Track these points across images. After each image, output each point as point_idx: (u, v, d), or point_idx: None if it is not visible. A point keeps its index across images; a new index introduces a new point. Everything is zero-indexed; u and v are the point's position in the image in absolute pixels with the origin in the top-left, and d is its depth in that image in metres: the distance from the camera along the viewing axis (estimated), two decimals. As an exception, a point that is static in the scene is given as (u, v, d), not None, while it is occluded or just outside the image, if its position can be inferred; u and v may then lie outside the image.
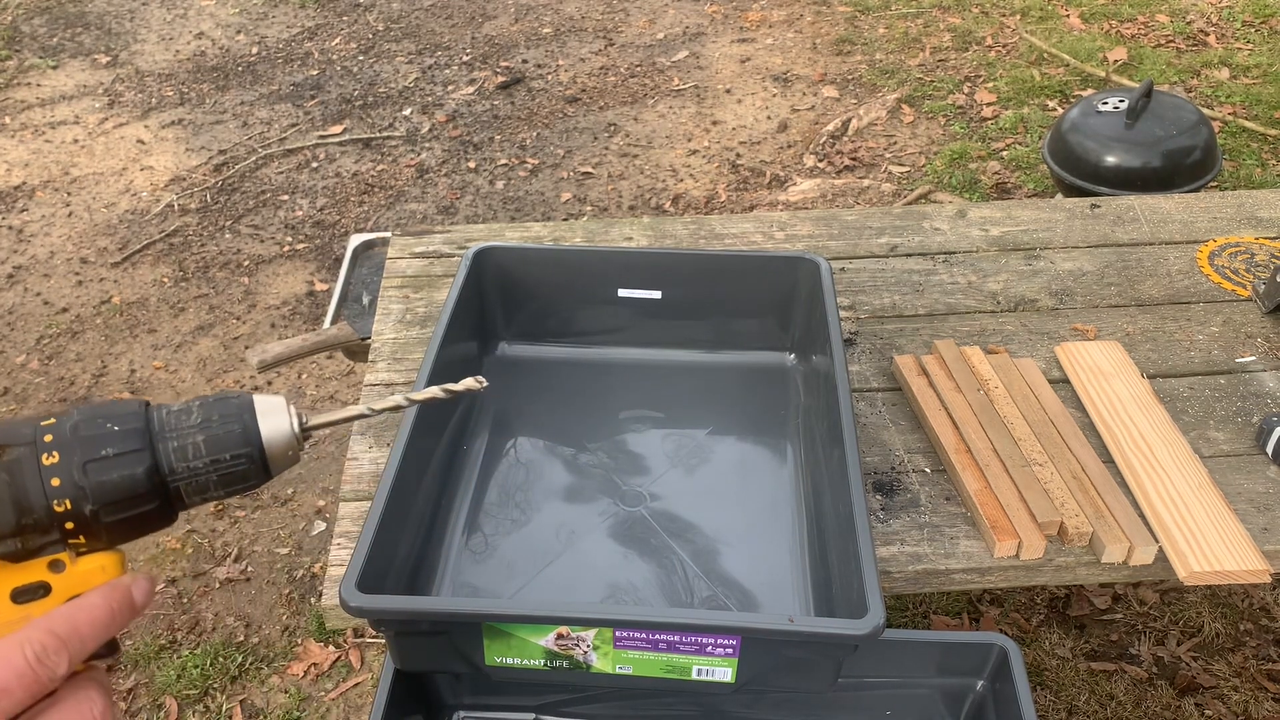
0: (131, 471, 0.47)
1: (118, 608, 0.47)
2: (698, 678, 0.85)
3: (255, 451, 0.50)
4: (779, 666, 0.85)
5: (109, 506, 0.47)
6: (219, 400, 0.51)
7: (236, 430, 0.50)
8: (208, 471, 0.49)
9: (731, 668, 0.84)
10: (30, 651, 0.43)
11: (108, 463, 0.47)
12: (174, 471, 0.49)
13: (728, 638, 0.82)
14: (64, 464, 0.46)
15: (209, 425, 0.49)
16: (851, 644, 0.81)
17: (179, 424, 0.49)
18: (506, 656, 0.85)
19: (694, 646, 0.83)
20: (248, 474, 0.51)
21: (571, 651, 0.84)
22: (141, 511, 0.48)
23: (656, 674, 0.85)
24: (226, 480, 0.50)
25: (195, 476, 0.49)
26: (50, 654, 0.44)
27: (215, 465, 0.49)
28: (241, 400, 0.51)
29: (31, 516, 0.46)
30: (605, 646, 0.83)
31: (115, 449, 0.47)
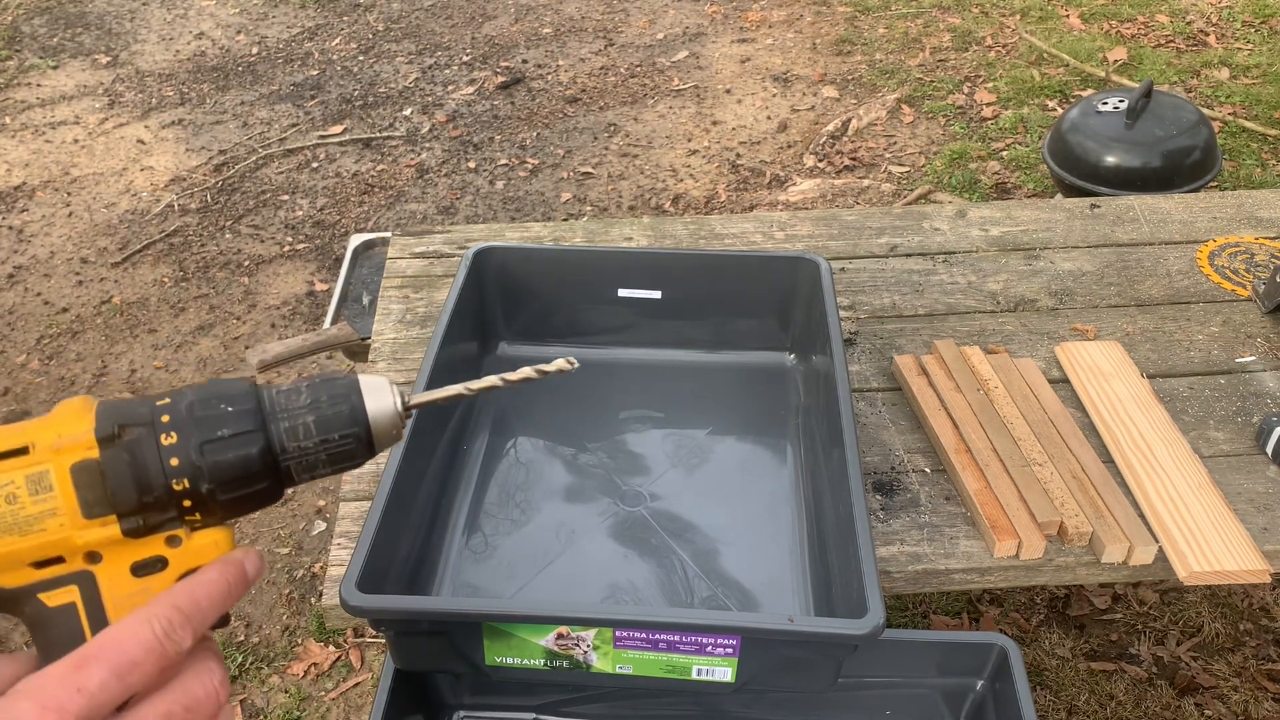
0: (246, 452, 0.49)
1: (233, 581, 0.49)
2: (698, 677, 0.85)
3: (362, 431, 0.52)
4: (779, 666, 0.85)
5: (224, 485, 0.49)
6: (326, 381, 0.52)
7: (344, 410, 0.51)
8: (317, 451, 0.51)
9: (731, 668, 0.84)
10: (159, 626, 0.45)
11: (224, 443, 0.48)
12: (285, 451, 0.50)
13: (728, 638, 0.82)
14: (182, 444, 0.48)
15: (318, 406, 0.51)
16: (851, 644, 0.81)
17: (289, 404, 0.51)
18: (507, 656, 0.85)
19: (694, 646, 0.83)
20: (354, 452, 0.52)
21: (571, 651, 0.84)
22: (254, 490, 0.50)
23: (656, 674, 0.85)
24: (335, 458, 0.52)
25: (305, 455, 0.51)
26: (176, 629, 0.46)
27: (324, 445, 0.51)
28: (349, 381, 0.52)
29: (152, 495, 0.47)
30: (605, 646, 0.83)
31: (230, 430, 0.48)
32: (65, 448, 0.47)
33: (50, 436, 0.47)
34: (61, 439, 0.47)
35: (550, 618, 0.82)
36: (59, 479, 0.46)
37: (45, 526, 0.46)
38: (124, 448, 0.47)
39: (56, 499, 0.46)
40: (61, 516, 0.46)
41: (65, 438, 0.47)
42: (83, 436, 0.47)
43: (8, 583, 0.47)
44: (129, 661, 0.44)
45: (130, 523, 0.47)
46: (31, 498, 0.46)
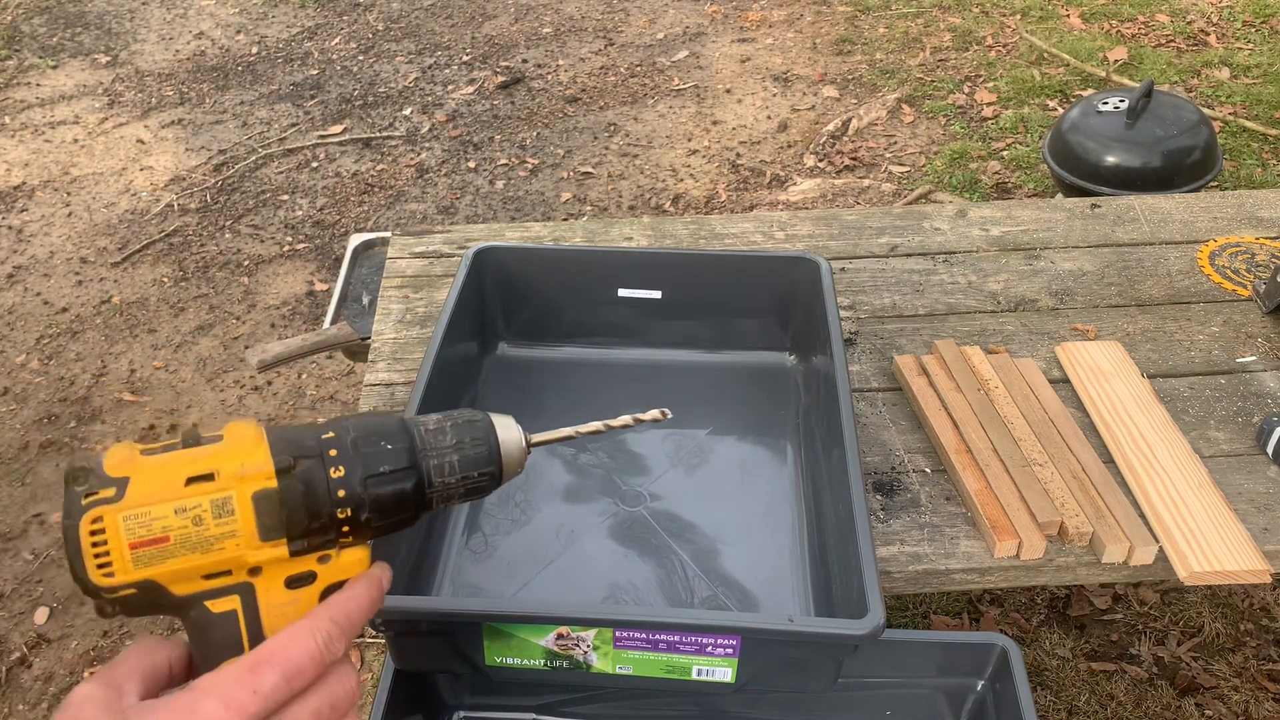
0: (403, 486, 0.55)
1: (375, 595, 0.56)
2: (698, 678, 0.85)
3: (496, 470, 0.59)
4: (779, 666, 0.85)
5: (380, 513, 0.55)
6: (469, 423, 0.59)
7: (484, 452, 0.59)
8: (458, 485, 0.58)
9: (731, 668, 0.84)
10: (320, 639, 0.51)
11: (385, 478, 0.55)
12: (432, 485, 0.57)
13: (728, 638, 0.82)
14: (348, 477, 0.54)
15: (462, 446, 0.58)
16: (851, 644, 0.81)
17: (437, 443, 0.57)
18: (507, 656, 0.85)
19: (694, 646, 0.83)
20: (487, 487, 0.59)
21: (571, 651, 0.84)
22: (402, 517, 0.56)
23: (656, 674, 0.85)
24: (470, 492, 0.59)
25: (447, 489, 0.58)
26: (334, 640, 0.52)
27: (464, 481, 0.58)
28: (485, 423, 0.60)
29: (319, 521, 0.53)
30: (605, 646, 0.83)
31: (390, 466, 0.55)
32: (248, 476, 0.52)
33: (234, 465, 0.52)
34: (244, 468, 0.52)
35: (550, 618, 0.82)
36: (241, 505, 0.52)
37: (224, 546, 0.51)
38: (299, 478, 0.53)
39: (237, 523, 0.51)
40: (240, 538, 0.52)
41: (248, 466, 0.52)
42: (263, 466, 0.52)
43: (180, 591, 0.52)
44: (296, 668, 0.50)
45: (297, 545, 0.53)
46: (215, 520, 0.51)
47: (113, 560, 0.50)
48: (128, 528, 0.50)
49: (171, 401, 2.55)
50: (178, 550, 0.50)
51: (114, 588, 0.50)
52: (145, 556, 0.50)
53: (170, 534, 0.50)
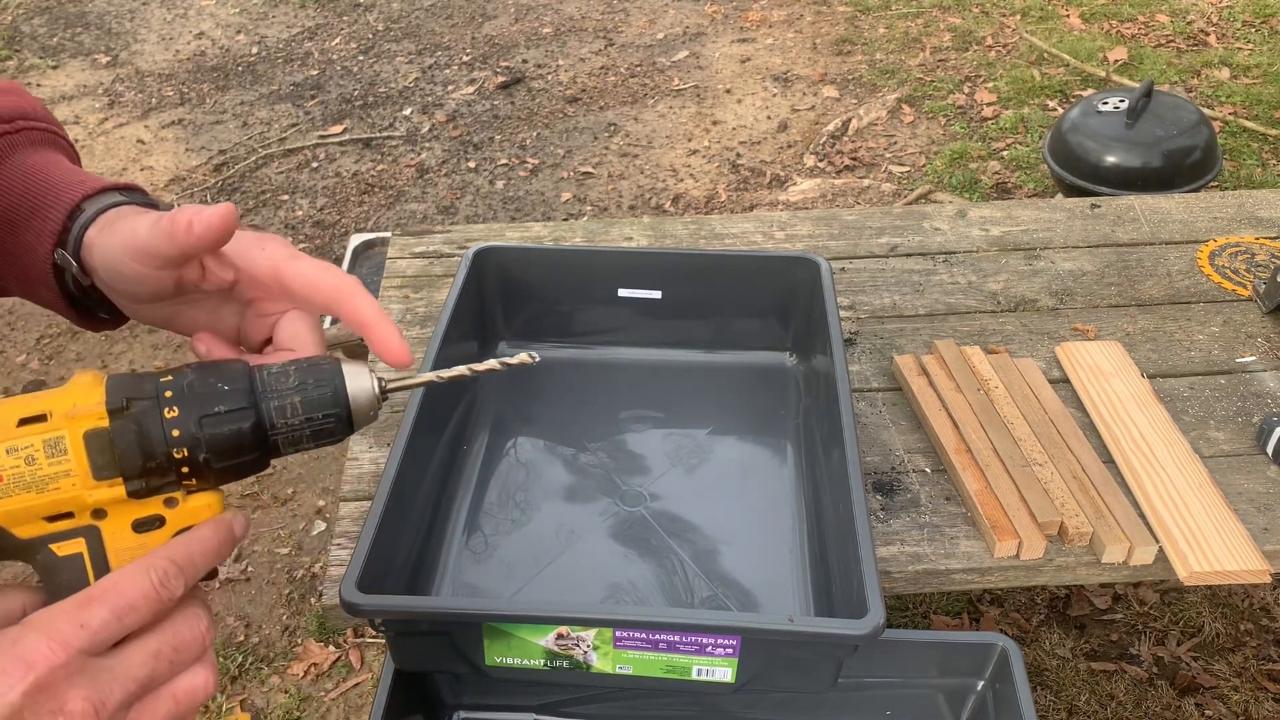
0: (239, 426, 0.55)
1: (223, 539, 0.55)
2: (698, 678, 0.85)
3: (343, 411, 0.58)
4: (779, 667, 0.85)
5: (219, 454, 0.54)
6: (312, 365, 0.58)
7: (328, 393, 0.57)
8: (302, 427, 0.57)
9: (731, 668, 0.84)
10: (155, 576, 0.51)
11: (220, 418, 0.54)
12: (274, 427, 0.56)
13: (728, 638, 0.82)
14: (182, 417, 0.54)
15: (305, 387, 0.57)
16: (851, 644, 0.81)
17: (278, 385, 0.57)
18: (507, 656, 0.84)
19: (694, 646, 0.83)
20: (335, 430, 0.58)
21: (571, 651, 0.84)
22: (245, 459, 0.56)
23: (656, 674, 0.85)
24: (317, 435, 0.58)
25: (291, 431, 0.57)
26: (170, 579, 0.52)
27: (309, 422, 0.57)
28: (332, 366, 0.58)
29: (154, 461, 0.53)
30: (605, 646, 0.83)
31: (226, 406, 0.55)
32: (79, 416, 0.52)
33: (66, 405, 0.52)
34: (76, 408, 0.52)
35: (550, 618, 0.82)
36: (73, 444, 0.52)
37: (59, 485, 0.52)
38: (131, 419, 0.53)
39: (70, 461, 0.52)
40: (74, 477, 0.52)
41: (79, 407, 0.52)
42: (95, 407, 0.53)
43: (23, 534, 0.52)
44: (127, 604, 0.50)
45: (134, 485, 0.53)
46: (48, 460, 0.52)
47: None
48: None
49: (171, 401, 2.55)
50: (12, 489, 0.51)
51: None
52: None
53: (2, 473, 0.51)
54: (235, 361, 0.57)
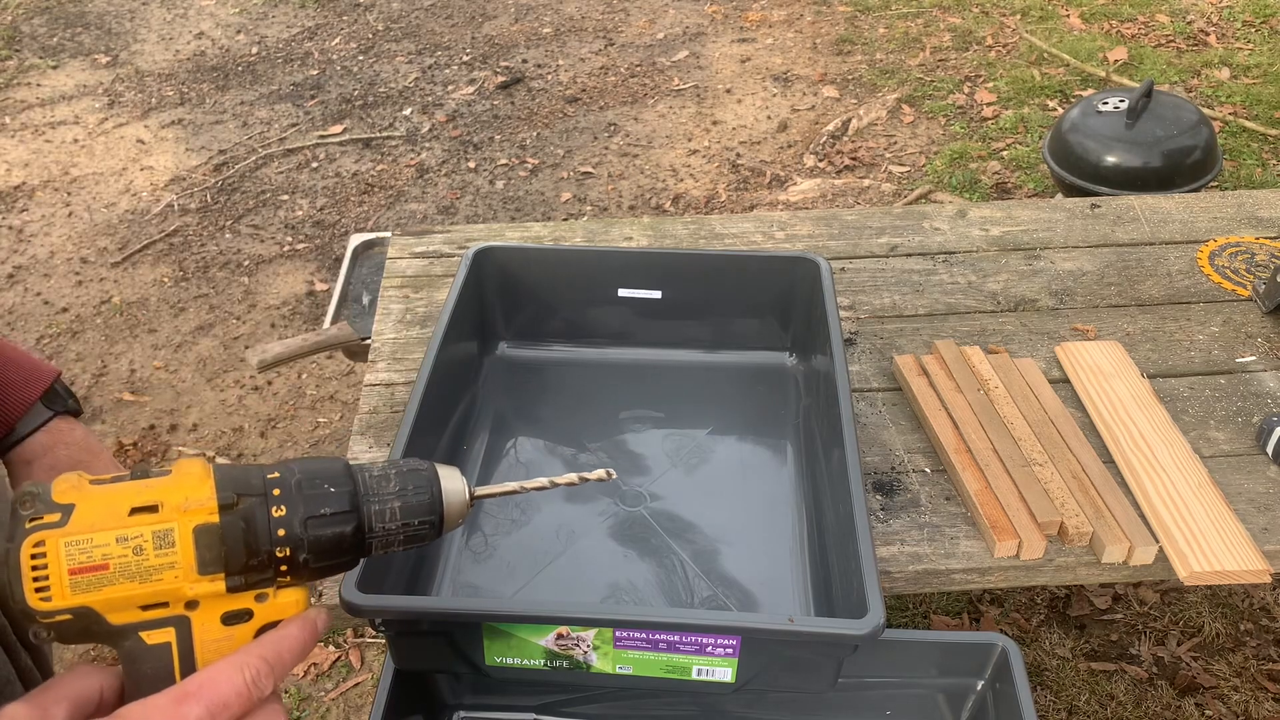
0: (343, 529, 0.56)
1: (308, 637, 0.56)
2: (698, 677, 0.85)
3: (438, 519, 0.59)
4: (779, 667, 0.85)
5: (319, 555, 0.55)
6: (413, 471, 0.59)
7: (426, 500, 0.59)
8: (398, 532, 0.58)
9: (731, 668, 0.84)
10: (249, 674, 0.52)
11: (325, 520, 0.55)
12: (372, 530, 0.57)
13: (728, 638, 0.82)
14: (289, 517, 0.54)
15: (405, 494, 0.58)
16: (851, 644, 0.81)
17: (380, 489, 0.58)
18: (507, 656, 0.84)
19: (694, 646, 0.83)
20: (427, 535, 0.60)
21: (571, 651, 0.84)
22: (341, 560, 0.57)
23: (656, 674, 0.85)
24: (410, 539, 0.59)
25: (387, 535, 0.58)
26: (262, 678, 0.52)
27: (405, 528, 0.58)
28: (430, 472, 0.60)
29: (257, 559, 0.54)
30: (605, 646, 0.83)
31: (331, 509, 0.56)
32: (191, 509, 0.53)
33: (178, 498, 0.53)
34: (188, 501, 0.53)
35: (550, 618, 0.82)
36: (181, 538, 0.52)
37: (163, 577, 0.52)
38: (240, 515, 0.53)
39: (177, 554, 0.52)
40: (178, 570, 0.52)
41: (191, 500, 0.53)
42: (206, 501, 0.53)
43: (116, 620, 0.52)
44: (221, 702, 0.50)
45: (234, 580, 0.53)
46: (156, 551, 0.52)
47: (51, 584, 0.50)
48: (69, 553, 0.50)
49: (171, 401, 2.55)
50: (116, 578, 0.51)
51: (50, 612, 0.51)
52: (84, 582, 0.51)
53: (110, 561, 0.51)
54: (338, 460, 0.58)
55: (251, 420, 2.49)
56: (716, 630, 0.82)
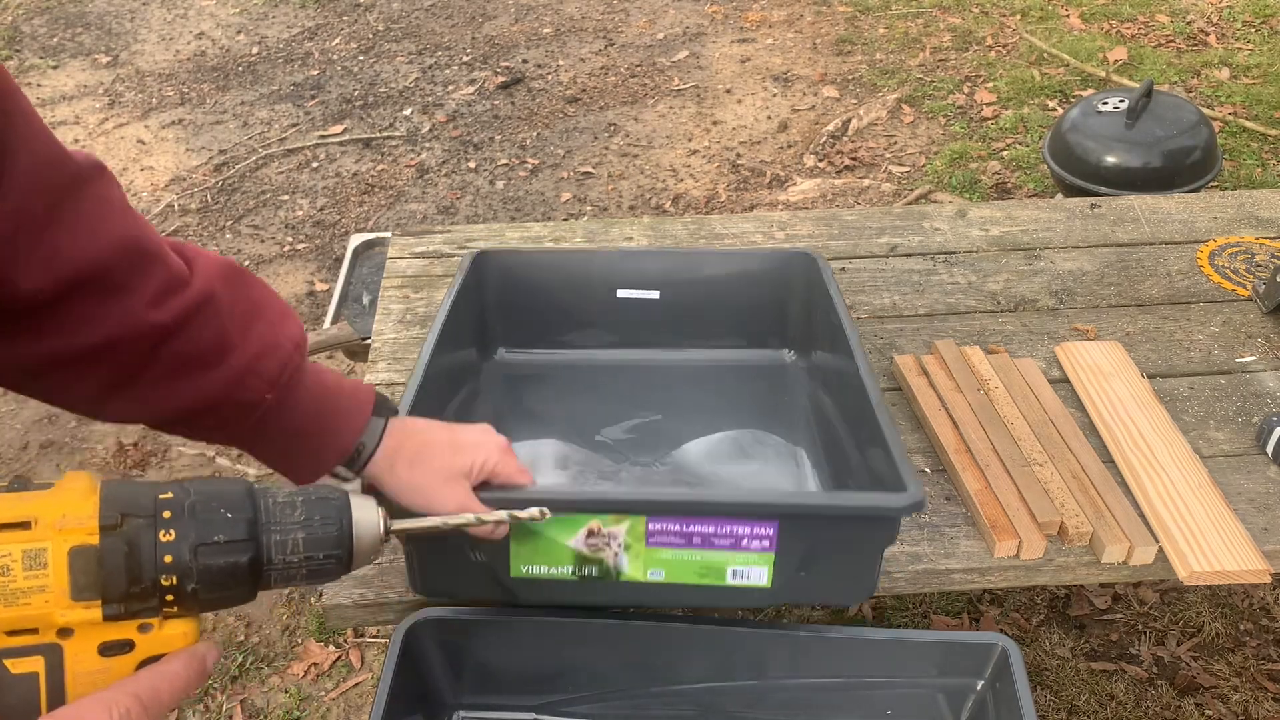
0: (237, 560, 0.51)
1: (193, 675, 0.51)
2: (733, 582, 0.82)
3: (345, 554, 0.55)
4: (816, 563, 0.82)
5: (209, 586, 0.51)
6: (321, 500, 0.55)
7: (333, 533, 0.54)
8: (300, 565, 0.54)
9: (768, 566, 0.81)
10: (116, 714, 0.46)
11: (218, 548, 0.50)
12: (271, 562, 0.53)
13: (763, 525, 0.80)
14: (178, 543, 0.49)
15: (310, 525, 0.54)
16: (894, 518, 0.79)
17: (283, 518, 0.53)
18: (534, 564, 0.82)
19: (729, 540, 0.80)
20: (333, 570, 0.55)
21: (601, 554, 0.81)
22: (234, 592, 0.52)
23: (690, 580, 0.82)
24: (313, 574, 0.54)
25: (288, 568, 0.53)
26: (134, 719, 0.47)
27: (308, 561, 0.54)
28: (340, 502, 0.55)
29: (140, 586, 0.49)
30: (637, 545, 0.80)
31: (225, 536, 0.51)
32: (68, 528, 0.48)
33: (55, 514, 0.48)
34: (65, 519, 0.48)
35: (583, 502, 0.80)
36: (55, 559, 0.47)
37: (30, 601, 0.47)
38: (123, 538, 0.48)
39: (49, 577, 0.47)
40: (49, 594, 0.47)
41: (69, 519, 0.48)
42: (86, 520, 0.48)
43: None
44: None
45: (112, 609, 0.48)
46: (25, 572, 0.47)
47: None
48: None
49: (172, 401, 2.55)
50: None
51: None
52: None
53: None
54: (239, 482, 0.54)
55: (251, 420, 2.49)
56: (753, 512, 0.80)
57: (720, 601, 0.84)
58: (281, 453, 0.74)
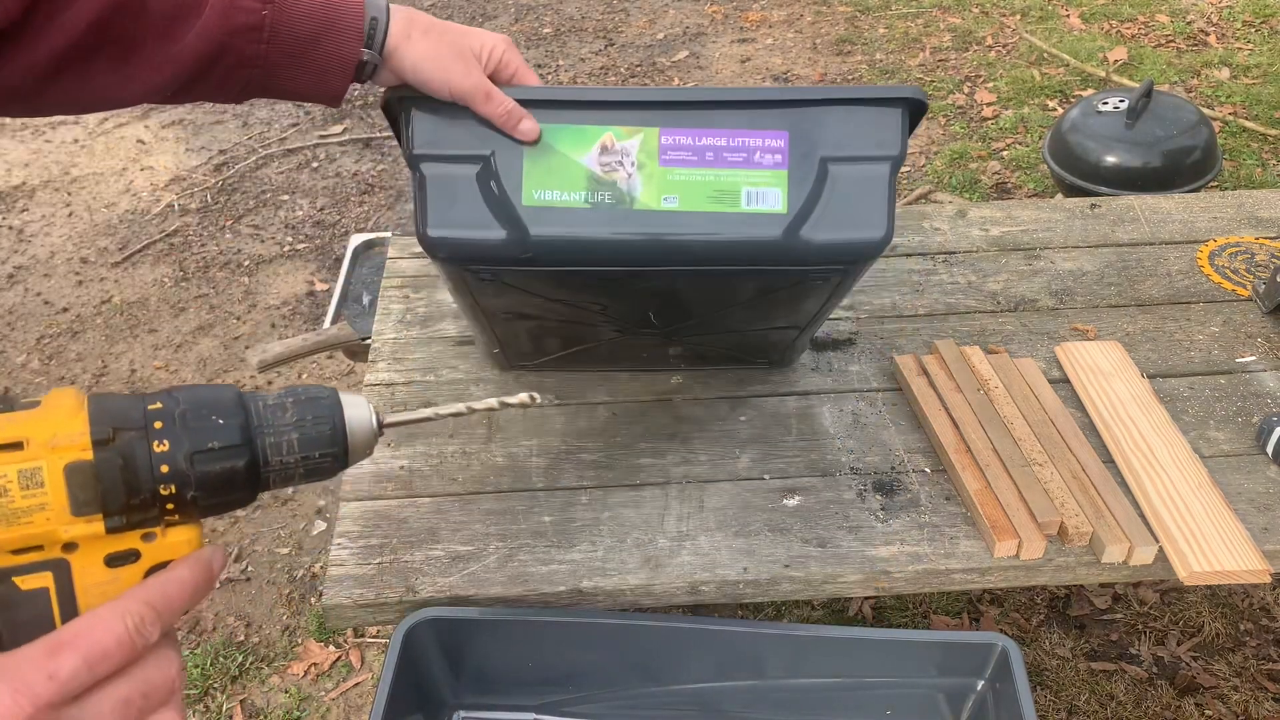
0: (233, 464, 0.51)
1: (201, 579, 0.52)
2: (748, 207, 0.82)
3: (340, 450, 0.55)
4: (828, 183, 0.82)
5: (208, 492, 0.51)
6: (311, 400, 0.55)
7: (326, 430, 0.55)
8: (297, 465, 0.54)
9: (781, 189, 0.81)
10: (130, 622, 0.47)
11: (213, 454, 0.51)
12: (268, 464, 0.53)
13: (774, 135, 0.80)
14: (172, 453, 0.50)
15: (303, 425, 0.54)
16: (904, 107, 0.81)
17: (275, 420, 0.53)
18: (547, 189, 0.81)
19: (741, 156, 0.80)
20: (329, 468, 0.56)
21: (614, 174, 0.81)
22: (233, 497, 0.53)
23: (704, 206, 0.81)
24: (310, 472, 0.55)
25: (285, 469, 0.54)
26: (147, 624, 0.48)
27: (305, 461, 0.54)
28: (331, 400, 0.55)
29: (139, 497, 0.49)
30: (650, 164, 0.80)
31: (220, 442, 0.51)
32: (60, 446, 0.48)
33: (46, 433, 0.48)
34: (57, 437, 0.48)
35: (596, 101, 0.81)
36: (51, 477, 0.48)
37: (32, 520, 0.48)
38: (117, 451, 0.49)
39: (47, 495, 0.48)
40: (49, 512, 0.48)
41: (61, 436, 0.48)
42: (78, 437, 0.48)
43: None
44: (100, 652, 0.46)
45: (114, 521, 0.49)
46: (22, 492, 0.47)
47: None
48: None
49: (172, 401, 2.55)
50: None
51: None
52: None
53: None
54: (227, 388, 0.54)
55: (252, 420, 2.49)
56: (764, 108, 0.81)
57: (737, 229, 0.81)
58: (303, 68, 0.78)
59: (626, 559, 1.02)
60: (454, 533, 1.05)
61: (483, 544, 1.03)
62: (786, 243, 0.82)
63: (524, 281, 0.88)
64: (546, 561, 1.01)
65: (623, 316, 0.99)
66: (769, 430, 1.17)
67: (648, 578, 1.00)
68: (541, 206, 0.81)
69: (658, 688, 0.98)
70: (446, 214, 0.83)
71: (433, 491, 1.10)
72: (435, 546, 1.03)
